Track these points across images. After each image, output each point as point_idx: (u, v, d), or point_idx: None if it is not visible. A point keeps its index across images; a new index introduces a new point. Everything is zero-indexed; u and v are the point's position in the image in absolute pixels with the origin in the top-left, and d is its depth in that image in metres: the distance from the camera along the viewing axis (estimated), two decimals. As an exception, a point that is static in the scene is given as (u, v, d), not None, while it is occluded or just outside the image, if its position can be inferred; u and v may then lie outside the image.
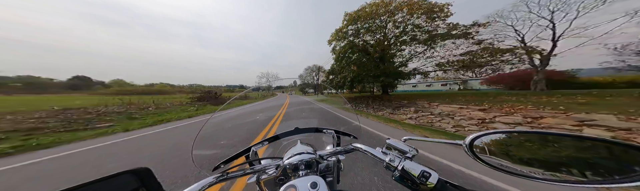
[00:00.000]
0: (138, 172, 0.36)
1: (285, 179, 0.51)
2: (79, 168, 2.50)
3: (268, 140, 0.80)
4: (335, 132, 0.82)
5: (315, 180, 0.40)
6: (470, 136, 0.42)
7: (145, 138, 4.24)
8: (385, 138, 0.63)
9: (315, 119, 4.10)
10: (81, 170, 2.42)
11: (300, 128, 0.86)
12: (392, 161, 0.43)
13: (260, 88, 46.84)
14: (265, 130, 4.24)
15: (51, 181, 2.13)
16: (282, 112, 6.95)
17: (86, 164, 2.64)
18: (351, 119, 6.07)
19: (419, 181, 0.38)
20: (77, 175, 2.29)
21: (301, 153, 0.54)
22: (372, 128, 4.67)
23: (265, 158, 0.67)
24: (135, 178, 0.35)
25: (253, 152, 0.70)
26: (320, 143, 0.89)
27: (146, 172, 0.37)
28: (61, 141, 3.96)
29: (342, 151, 0.59)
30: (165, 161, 2.56)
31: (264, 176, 0.55)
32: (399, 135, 4.01)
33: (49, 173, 2.37)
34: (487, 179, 1.95)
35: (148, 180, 0.37)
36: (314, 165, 0.53)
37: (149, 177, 0.37)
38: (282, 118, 5.57)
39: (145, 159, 2.74)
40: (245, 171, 0.52)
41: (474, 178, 2.00)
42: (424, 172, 0.39)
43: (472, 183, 1.89)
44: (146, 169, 0.37)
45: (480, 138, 0.43)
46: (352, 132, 0.86)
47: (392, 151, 0.47)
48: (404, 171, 0.40)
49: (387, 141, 0.49)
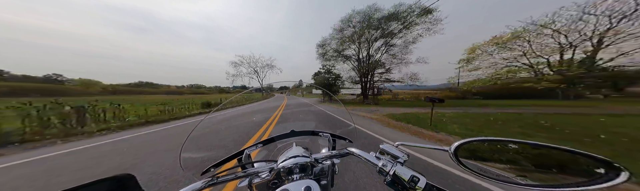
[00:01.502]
0: (120, 179, 0.34)
1: (279, 183, 0.51)
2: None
3: (263, 142, 0.79)
4: (331, 136, 0.82)
5: (309, 184, 0.40)
6: (456, 143, 0.45)
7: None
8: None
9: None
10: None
11: (296, 131, 0.85)
12: (384, 166, 0.44)
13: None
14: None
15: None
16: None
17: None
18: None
19: (408, 185, 0.39)
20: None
21: (296, 156, 0.53)
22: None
23: (259, 161, 0.66)
24: (118, 186, 0.34)
25: (246, 155, 0.67)
26: (315, 146, 0.88)
27: (129, 179, 0.35)
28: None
29: (337, 155, 0.59)
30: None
31: (256, 180, 0.53)
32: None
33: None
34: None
35: (131, 188, 0.35)
36: (308, 169, 0.53)
37: (132, 184, 0.35)
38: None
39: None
40: (237, 174, 0.51)
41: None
42: (413, 177, 0.40)
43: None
44: (129, 176, 0.35)
45: (465, 145, 0.46)
46: (348, 136, 0.86)
47: (385, 156, 0.48)
48: (395, 176, 0.41)
49: (381, 146, 0.50)
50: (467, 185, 1.95)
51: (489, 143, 0.45)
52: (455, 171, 2.21)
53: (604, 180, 0.33)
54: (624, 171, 0.32)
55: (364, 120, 6.44)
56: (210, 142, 3.48)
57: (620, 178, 0.32)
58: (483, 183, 1.93)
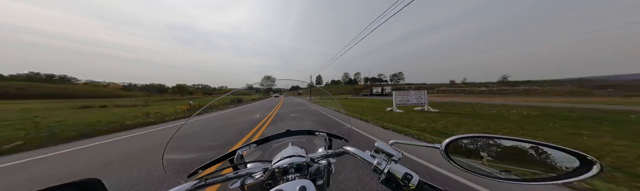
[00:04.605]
0: (84, 184, 0.31)
1: (273, 183, 0.50)
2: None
3: (257, 142, 0.76)
4: (328, 135, 0.81)
5: (305, 184, 0.40)
6: (446, 140, 0.47)
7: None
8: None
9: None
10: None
11: (292, 130, 0.84)
12: (379, 164, 0.45)
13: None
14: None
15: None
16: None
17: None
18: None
19: (402, 183, 0.40)
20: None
21: (292, 156, 0.52)
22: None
23: (253, 162, 0.64)
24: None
25: (238, 155, 0.65)
26: (312, 145, 0.87)
27: (95, 184, 0.33)
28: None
29: (333, 154, 0.58)
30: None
31: (249, 181, 0.52)
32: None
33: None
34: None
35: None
36: (304, 169, 0.52)
37: (98, 190, 0.33)
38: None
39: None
40: (228, 176, 0.49)
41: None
42: (406, 174, 0.41)
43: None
44: (96, 180, 0.33)
45: (455, 141, 0.48)
46: (344, 135, 0.85)
47: (380, 155, 0.48)
48: (390, 174, 0.42)
49: (376, 144, 0.50)
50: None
51: (476, 139, 0.47)
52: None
53: (579, 172, 0.36)
54: (595, 164, 0.35)
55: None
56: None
57: (593, 170, 0.35)
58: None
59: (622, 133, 4.26)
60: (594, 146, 3.22)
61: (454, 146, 0.48)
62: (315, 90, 46.16)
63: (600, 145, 3.31)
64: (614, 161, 2.54)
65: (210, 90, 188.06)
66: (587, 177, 0.34)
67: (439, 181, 1.97)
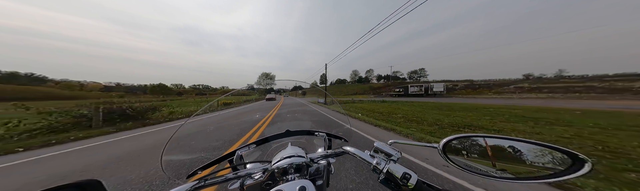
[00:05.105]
0: (84, 185, 0.31)
1: (273, 184, 0.50)
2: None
3: (256, 142, 0.76)
4: (327, 135, 0.81)
5: (304, 184, 0.40)
6: (444, 139, 0.47)
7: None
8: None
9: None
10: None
11: (292, 131, 0.84)
12: (378, 164, 0.46)
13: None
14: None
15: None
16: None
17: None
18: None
19: (401, 182, 0.41)
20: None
21: (291, 156, 0.52)
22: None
23: (252, 162, 0.65)
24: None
25: (238, 156, 0.66)
26: (311, 145, 0.88)
27: (95, 185, 0.33)
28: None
29: (333, 154, 0.58)
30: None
31: (249, 182, 0.52)
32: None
33: None
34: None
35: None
36: (304, 169, 0.52)
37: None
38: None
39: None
40: (227, 176, 0.49)
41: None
42: (405, 174, 0.42)
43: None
44: (96, 181, 0.33)
45: (453, 141, 0.48)
46: (343, 135, 0.85)
47: (379, 154, 0.49)
48: (389, 173, 0.43)
49: (375, 144, 0.51)
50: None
51: (473, 139, 0.48)
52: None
53: (572, 171, 0.37)
54: (587, 162, 0.36)
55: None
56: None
57: (584, 169, 0.36)
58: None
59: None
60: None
61: (451, 146, 0.49)
62: (320, 91, 39.75)
63: None
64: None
65: (207, 91, 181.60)
66: (579, 175, 0.35)
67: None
